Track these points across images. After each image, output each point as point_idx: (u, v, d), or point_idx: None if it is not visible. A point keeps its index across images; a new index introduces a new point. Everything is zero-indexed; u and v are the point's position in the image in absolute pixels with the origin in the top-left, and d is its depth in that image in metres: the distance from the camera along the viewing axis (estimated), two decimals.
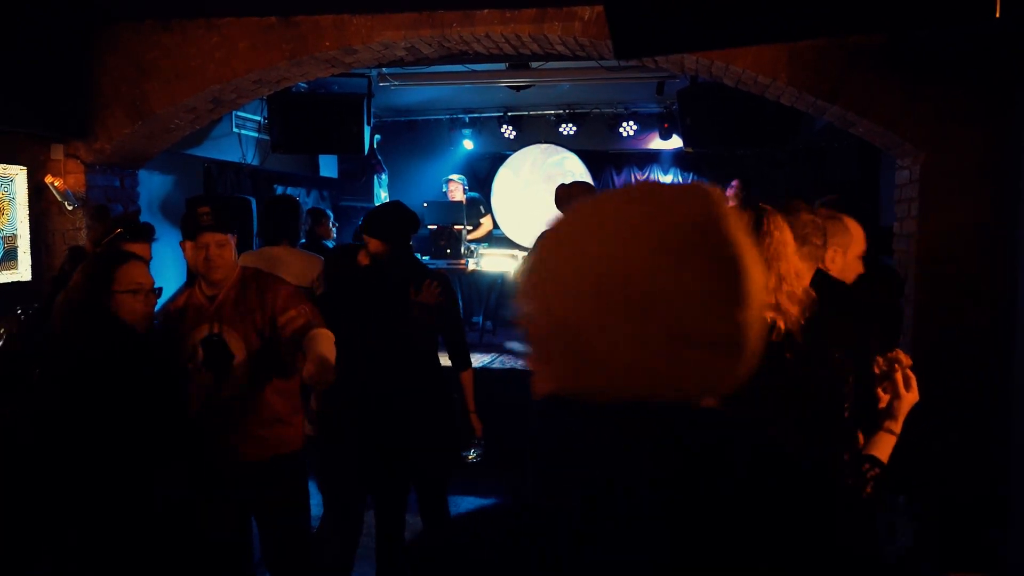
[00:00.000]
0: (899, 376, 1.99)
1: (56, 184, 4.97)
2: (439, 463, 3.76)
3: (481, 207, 8.90)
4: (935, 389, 4.05)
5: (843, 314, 2.13)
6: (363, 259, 3.67)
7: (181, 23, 4.91)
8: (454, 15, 4.51)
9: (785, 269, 1.89)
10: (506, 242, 9.50)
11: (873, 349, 2.09)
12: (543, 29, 4.43)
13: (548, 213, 4.11)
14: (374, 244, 3.60)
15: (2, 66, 4.47)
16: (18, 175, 4.96)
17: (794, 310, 1.88)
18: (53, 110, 4.87)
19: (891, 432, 1.97)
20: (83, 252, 3.32)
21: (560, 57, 4.96)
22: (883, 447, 1.95)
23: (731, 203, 4.09)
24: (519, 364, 6.70)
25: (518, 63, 6.14)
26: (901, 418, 1.98)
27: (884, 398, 2.01)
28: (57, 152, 5.10)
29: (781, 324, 1.87)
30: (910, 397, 2.00)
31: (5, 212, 4.88)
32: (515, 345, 3.95)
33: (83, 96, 5.03)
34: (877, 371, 2.02)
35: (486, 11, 4.46)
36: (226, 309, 3.01)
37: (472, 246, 8.30)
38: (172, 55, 4.94)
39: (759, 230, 1.90)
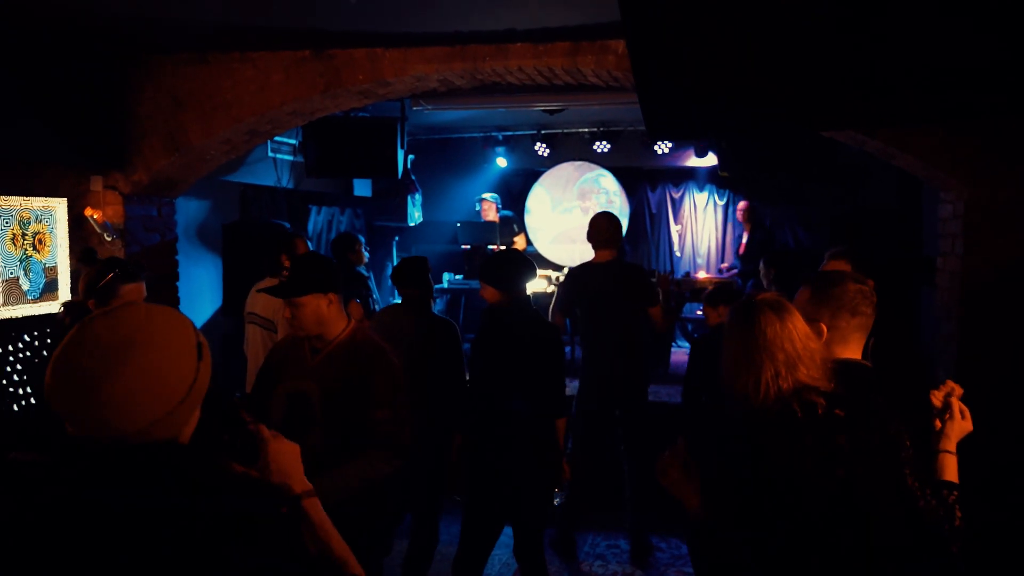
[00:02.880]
0: (955, 402, 2.13)
1: (95, 216, 5.05)
2: (542, 505, 3.90)
3: (514, 225, 8.87)
4: (981, 434, 3.93)
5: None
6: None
7: (217, 56, 4.96)
8: (487, 48, 4.49)
9: (793, 358, 1.97)
10: (540, 260, 9.46)
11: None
12: (576, 63, 4.40)
13: (581, 230, 4.14)
14: (490, 292, 3.71)
15: (42, 101, 4.57)
16: (58, 207, 5.05)
17: (822, 386, 1.97)
18: (92, 142, 4.96)
19: (949, 452, 2.09)
20: (81, 306, 3.32)
21: (594, 88, 4.92)
22: (949, 469, 2.07)
23: (740, 219, 4.06)
24: None
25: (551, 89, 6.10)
26: (955, 440, 2.11)
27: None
28: (96, 184, 5.18)
29: (819, 397, 1.94)
30: (964, 424, 2.13)
31: (46, 244, 4.97)
32: None
33: (121, 128, 5.12)
34: (938, 404, 2.14)
35: (519, 45, 4.44)
36: (328, 370, 2.81)
37: None
38: (208, 87, 4.99)
39: (753, 327, 2.00)
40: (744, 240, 8.00)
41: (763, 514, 1.92)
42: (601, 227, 4.84)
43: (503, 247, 8.44)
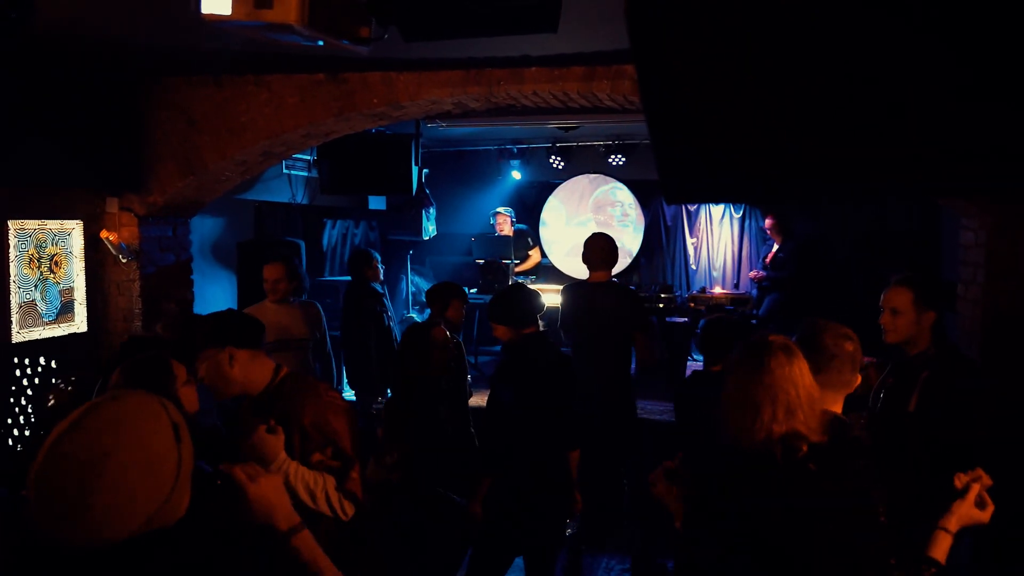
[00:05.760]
0: (976, 487, 2.08)
1: (111, 238, 5.06)
2: (557, 536, 3.88)
3: (529, 239, 8.85)
4: (1003, 475, 3.87)
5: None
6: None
7: (232, 79, 4.96)
8: (502, 73, 4.47)
9: (794, 403, 1.98)
10: (554, 272, 9.43)
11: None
12: (592, 87, 4.37)
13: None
14: (501, 331, 3.70)
15: (58, 124, 4.58)
16: (74, 229, 5.07)
17: (813, 436, 1.98)
18: (108, 165, 4.97)
19: (947, 531, 2.05)
20: (144, 342, 3.25)
21: (609, 110, 4.89)
22: (940, 547, 2.04)
23: (770, 235, 3.89)
24: None
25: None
26: (958, 522, 2.06)
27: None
28: (112, 205, 5.20)
29: (803, 446, 1.97)
30: (977, 514, 2.08)
31: (62, 266, 4.99)
32: None
33: (137, 150, 5.13)
34: (958, 486, 2.10)
35: (534, 69, 4.41)
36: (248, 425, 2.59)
37: (520, 279, 8.26)
38: (223, 110, 4.99)
39: (760, 367, 1.99)
40: (774, 249, 7.88)
41: (727, 545, 1.98)
42: (594, 248, 4.81)
43: (516, 261, 8.42)
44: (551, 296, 7.86)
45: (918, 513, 2.11)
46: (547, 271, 9.32)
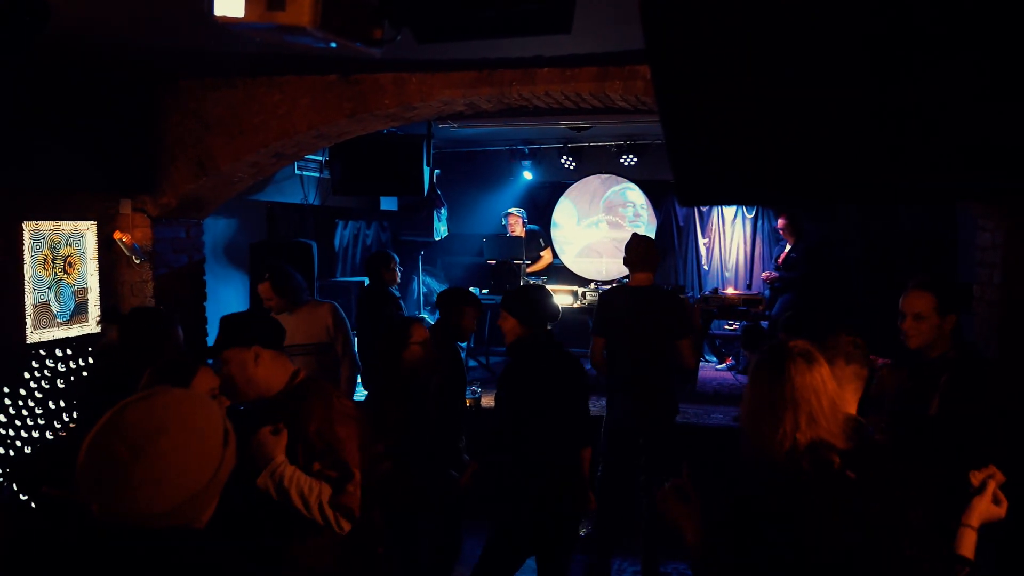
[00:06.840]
0: (992, 485, 2.09)
1: (124, 239, 5.09)
2: (570, 536, 3.86)
3: (540, 240, 8.83)
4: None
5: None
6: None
7: (244, 80, 4.97)
8: (514, 74, 4.46)
9: (816, 411, 1.93)
10: (566, 273, 9.42)
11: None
12: (604, 88, 4.35)
13: (608, 244, 4.06)
14: (510, 323, 3.71)
15: (72, 126, 4.60)
16: (88, 230, 5.10)
17: (838, 443, 1.94)
18: (121, 167, 4.99)
19: (971, 528, 2.06)
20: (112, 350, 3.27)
21: (622, 111, 4.88)
22: (967, 544, 2.04)
23: (783, 235, 3.94)
24: None
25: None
26: (979, 517, 2.07)
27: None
28: (125, 207, 5.22)
29: (835, 457, 1.92)
30: (995, 509, 2.09)
31: (76, 267, 5.02)
32: None
33: (150, 152, 5.15)
34: (975, 483, 2.11)
35: (546, 70, 4.40)
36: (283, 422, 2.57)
37: (531, 280, 8.24)
38: (235, 112, 5.01)
39: (780, 375, 1.94)
40: (787, 250, 7.84)
41: (760, 569, 1.90)
42: (636, 249, 4.68)
43: (528, 261, 8.41)
44: (563, 297, 7.91)
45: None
46: (558, 272, 9.30)
